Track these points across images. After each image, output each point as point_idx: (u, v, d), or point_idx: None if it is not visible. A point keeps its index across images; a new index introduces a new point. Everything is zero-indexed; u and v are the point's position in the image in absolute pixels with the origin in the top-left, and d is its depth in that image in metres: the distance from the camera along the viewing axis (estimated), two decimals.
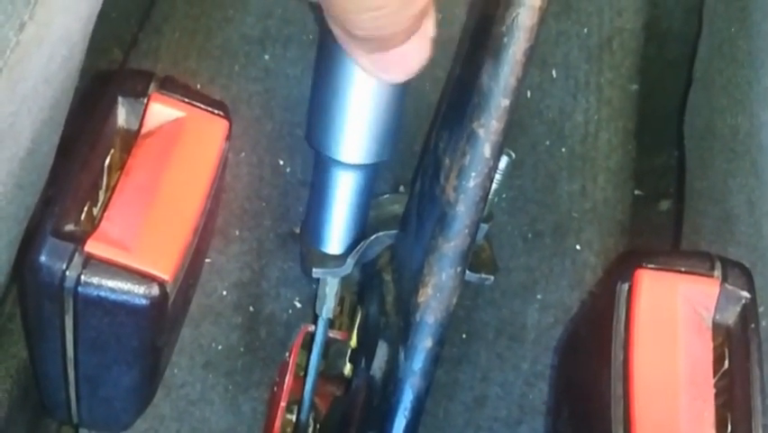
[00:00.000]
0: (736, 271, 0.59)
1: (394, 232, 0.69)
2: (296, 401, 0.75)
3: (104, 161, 0.57)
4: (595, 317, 0.66)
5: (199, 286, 0.71)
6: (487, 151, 0.55)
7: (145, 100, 0.59)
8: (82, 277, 0.52)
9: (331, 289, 0.70)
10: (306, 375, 0.75)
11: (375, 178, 0.67)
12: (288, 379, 0.75)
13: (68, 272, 0.53)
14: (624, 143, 0.85)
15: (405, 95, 0.62)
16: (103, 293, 0.53)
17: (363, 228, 0.69)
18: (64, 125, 0.62)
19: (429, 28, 0.52)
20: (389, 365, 0.64)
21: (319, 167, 0.66)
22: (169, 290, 0.54)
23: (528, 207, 0.81)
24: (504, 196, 0.80)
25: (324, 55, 0.59)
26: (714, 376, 0.57)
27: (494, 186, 0.63)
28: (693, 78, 0.87)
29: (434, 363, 0.61)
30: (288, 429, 0.76)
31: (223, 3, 0.83)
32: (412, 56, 0.53)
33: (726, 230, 0.74)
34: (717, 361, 0.58)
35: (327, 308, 0.71)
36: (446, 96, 0.70)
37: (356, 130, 0.61)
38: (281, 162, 0.79)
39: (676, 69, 0.93)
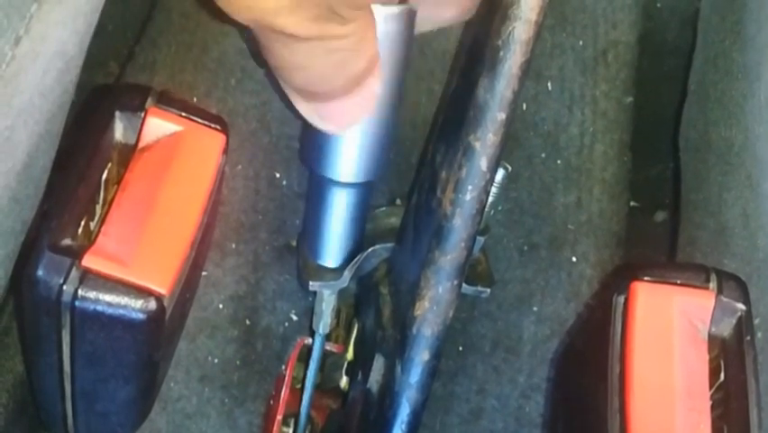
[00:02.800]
0: (732, 284, 0.59)
1: (391, 245, 0.69)
2: (292, 414, 0.75)
3: (101, 175, 0.58)
4: (591, 330, 0.66)
5: (195, 299, 0.71)
6: (483, 164, 0.55)
7: (142, 114, 0.59)
8: (79, 291, 0.52)
9: (327, 304, 0.70)
10: (302, 388, 0.75)
11: (371, 193, 0.67)
12: (285, 392, 0.75)
13: (64, 287, 0.52)
14: (619, 155, 0.85)
15: (397, 112, 0.62)
16: (100, 308, 0.53)
17: (360, 241, 0.69)
18: (61, 139, 0.62)
19: (373, 86, 0.52)
20: (386, 379, 0.64)
21: (314, 184, 0.66)
22: (166, 304, 0.54)
23: (524, 219, 0.81)
24: (500, 208, 0.80)
25: None
26: (710, 388, 0.57)
27: (490, 199, 0.63)
28: (688, 91, 0.87)
29: (431, 376, 0.61)
30: None
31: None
32: (351, 111, 0.52)
33: (722, 242, 0.74)
34: (713, 373, 0.58)
35: (324, 323, 0.71)
36: (442, 110, 0.70)
37: (349, 149, 0.61)
38: (278, 175, 0.79)
39: (671, 81, 0.93)
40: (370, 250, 0.69)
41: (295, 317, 0.77)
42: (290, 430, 0.76)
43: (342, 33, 0.47)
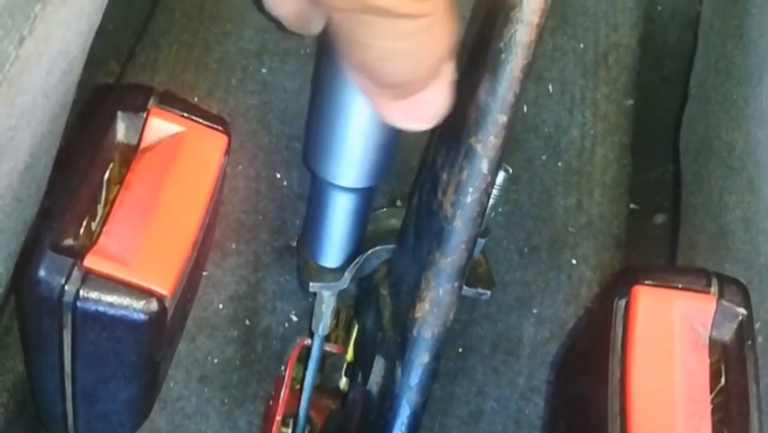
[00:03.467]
0: (733, 288, 0.60)
1: (391, 246, 0.69)
2: (291, 415, 0.75)
3: (103, 175, 0.57)
4: (592, 333, 0.66)
5: (195, 299, 0.71)
6: (484, 166, 0.56)
7: (144, 115, 0.59)
8: (81, 292, 0.52)
9: (327, 306, 0.70)
10: (302, 389, 0.75)
11: (372, 197, 0.67)
12: (284, 392, 0.75)
13: (66, 287, 0.52)
14: (619, 158, 0.85)
15: None
16: (101, 308, 0.53)
17: (361, 242, 0.69)
18: (63, 139, 0.62)
19: (449, 73, 0.52)
20: (386, 380, 0.64)
21: (316, 187, 0.66)
22: (167, 304, 0.54)
23: (524, 221, 0.81)
24: (500, 210, 0.80)
25: (322, 81, 0.59)
26: (711, 393, 0.57)
27: (491, 201, 0.64)
28: (689, 94, 0.87)
29: (431, 378, 0.61)
30: None
31: (221, 16, 0.83)
32: (434, 102, 0.52)
33: (723, 246, 0.74)
34: (714, 377, 0.58)
35: (323, 325, 0.71)
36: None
37: (354, 155, 0.60)
38: (278, 176, 0.79)
39: (672, 84, 0.94)
40: (370, 251, 0.69)
41: (295, 318, 0.77)
42: (289, 431, 0.76)
43: (432, 8, 0.46)
